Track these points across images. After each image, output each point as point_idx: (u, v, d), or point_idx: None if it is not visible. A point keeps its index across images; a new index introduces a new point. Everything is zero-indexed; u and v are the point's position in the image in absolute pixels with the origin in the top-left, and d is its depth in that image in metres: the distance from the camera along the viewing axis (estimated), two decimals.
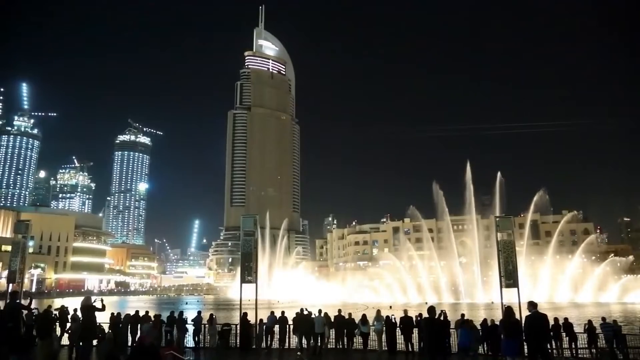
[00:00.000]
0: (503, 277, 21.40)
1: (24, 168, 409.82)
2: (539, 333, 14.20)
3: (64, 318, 24.91)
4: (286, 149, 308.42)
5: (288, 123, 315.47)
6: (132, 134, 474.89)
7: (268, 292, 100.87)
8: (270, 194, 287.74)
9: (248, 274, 24.92)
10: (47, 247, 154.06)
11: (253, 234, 25.73)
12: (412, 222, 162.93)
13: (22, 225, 26.53)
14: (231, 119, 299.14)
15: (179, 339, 24.90)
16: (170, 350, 14.05)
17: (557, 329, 22.52)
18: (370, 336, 24.56)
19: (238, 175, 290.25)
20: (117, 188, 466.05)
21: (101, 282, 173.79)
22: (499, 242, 21.80)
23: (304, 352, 22.61)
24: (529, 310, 14.69)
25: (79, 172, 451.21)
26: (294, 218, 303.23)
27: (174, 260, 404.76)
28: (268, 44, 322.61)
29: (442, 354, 14.83)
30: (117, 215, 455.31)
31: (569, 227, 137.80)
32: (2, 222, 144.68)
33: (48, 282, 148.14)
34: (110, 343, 19.60)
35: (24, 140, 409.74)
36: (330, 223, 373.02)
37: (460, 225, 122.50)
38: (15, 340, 15.14)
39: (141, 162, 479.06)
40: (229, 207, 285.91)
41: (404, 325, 23.22)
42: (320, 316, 24.21)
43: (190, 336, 25.83)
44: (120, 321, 25.43)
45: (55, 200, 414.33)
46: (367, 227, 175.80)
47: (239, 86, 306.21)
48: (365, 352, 23.85)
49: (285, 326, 25.02)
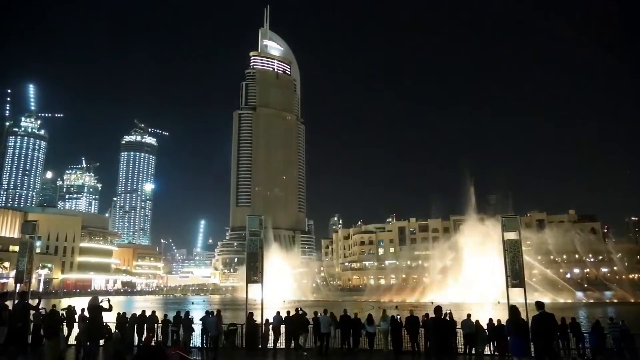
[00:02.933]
0: (509, 277, 21.32)
1: (31, 169, 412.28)
2: (546, 333, 14.14)
3: (71, 318, 25.05)
4: (291, 148, 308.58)
5: (293, 123, 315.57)
6: (138, 134, 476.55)
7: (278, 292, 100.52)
8: (276, 194, 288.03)
9: (254, 274, 24.95)
10: (54, 247, 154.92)
11: (259, 234, 25.77)
12: (418, 222, 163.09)
13: (29, 226, 26.68)
14: (237, 119, 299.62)
15: (185, 338, 24.97)
16: (177, 350, 14.08)
17: (564, 329, 22.42)
18: (377, 336, 24.55)
19: (244, 175, 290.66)
20: (123, 188, 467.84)
21: (108, 282, 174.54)
22: (505, 241, 21.71)
23: (309, 353, 22.61)
24: (536, 310, 14.63)
25: (85, 172, 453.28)
26: (300, 218, 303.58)
27: (180, 261, 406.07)
28: (273, 44, 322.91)
29: (448, 354, 14.80)
30: (123, 216, 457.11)
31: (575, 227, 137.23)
32: (10, 223, 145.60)
33: (55, 282, 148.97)
34: (118, 343, 19.69)
35: (31, 141, 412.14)
36: (335, 223, 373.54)
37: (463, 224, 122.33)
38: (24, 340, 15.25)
39: (147, 163, 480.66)
40: (235, 207, 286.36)
41: (409, 325, 23.19)
42: (326, 316, 24.19)
43: (197, 336, 25.90)
44: (127, 321, 25.55)
45: (62, 200, 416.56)
46: (372, 227, 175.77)
47: (245, 86, 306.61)
48: (371, 352, 23.82)
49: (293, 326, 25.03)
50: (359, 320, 24.74)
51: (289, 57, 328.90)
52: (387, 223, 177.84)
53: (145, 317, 26.15)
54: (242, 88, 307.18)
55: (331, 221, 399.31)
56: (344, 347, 24.38)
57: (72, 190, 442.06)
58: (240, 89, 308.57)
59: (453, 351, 20.60)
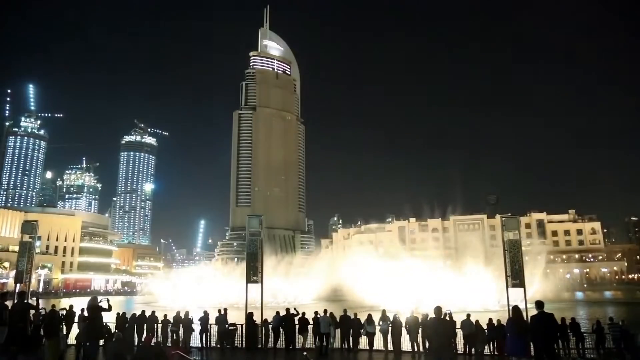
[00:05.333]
0: (509, 277, 21.33)
1: (31, 169, 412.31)
2: (545, 333, 14.13)
3: (71, 318, 25.05)
4: (291, 148, 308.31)
5: (293, 123, 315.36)
6: (138, 134, 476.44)
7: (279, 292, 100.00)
8: (276, 194, 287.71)
9: (254, 274, 24.96)
10: (54, 247, 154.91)
11: (259, 234, 25.78)
12: (418, 222, 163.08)
13: (29, 226, 26.70)
14: (236, 119, 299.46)
15: (185, 338, 24.97)
16: (177, 350, 14.09)
17: (563, 329, 22.40)
18: (376, 336, 24.54)
19: (243, 175, 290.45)
20: (123, 188, 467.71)
21: (107, 282, 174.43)
22: (505, 241, 21.72)
23: (310, 352, 22.60)
24: (536, 310, 14.62)
25: (85, 172, 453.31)
26: (300, 218, 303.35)
27: (179, 260, 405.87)
28: (273, 44, 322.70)
29: (449, 354, 14.80)
30: (123, 216, 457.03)
31: (575, 227, 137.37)
32: (10, 223, 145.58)
33: (55, 282, 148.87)
34: (119, 343, 19.70)
35: (31, 141, 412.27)
36: (335, 223, 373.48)
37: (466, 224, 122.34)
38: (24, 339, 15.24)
39: (147, 163, 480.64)
40: (235, 207, 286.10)
41: (409, 325, 23.20)
42: (326, 316, 24.19)
43: (197, 336, 25.89)
44: (127, 321, 25.55)
45: (61, 200, 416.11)
46: (372, 226, 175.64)
47: (244, 86, 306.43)
48: (371, 352, 23.82)
49: (292, 326, 24.99)
50: (358, 320, 24.75)
51: (288, 57, 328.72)
52: (387, 223, 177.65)
53: (145, 317, 26.15)
54: (242, 88, 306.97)
55: (331, 221, 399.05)
56: (343, 347, 24.38)
57: (72, 190, 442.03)
58: (240, 89, 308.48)
59: (453, 351, 20.60)
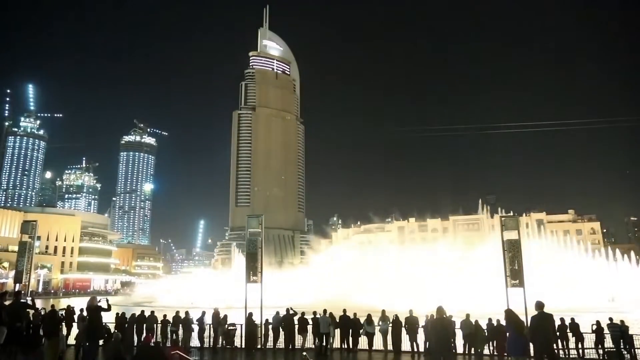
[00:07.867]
0: (508, 277, 21.34)
1: (30, 169, 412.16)
2: (545, 333, 14.13)
3: (71, 318, 25.05)
4: (291, 148, 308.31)
5: (293, 123, 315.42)
6: (138, 134, 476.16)
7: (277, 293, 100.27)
8: (276, 194, 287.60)
9: (253, 274, 24.96)
10: (53, 247, 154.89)
11: (258, 234, 25.78)
12: (418, 222, 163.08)
13: (29, 226, 26.73)
14: (236, 119, 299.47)
15: (185, 338, 24.97)
16: (176, 350, 14.09)
17: (563, 329, 22.42)
18: (376, 336, 24.54)
19: (243, 176, 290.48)
20: (122, 188, 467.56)
21: (107, 282, 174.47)
22: (504, 241, 21.73)
23: (309, 352, 22.59)
24: (535, 310, 14.61)
25: (84, 172, 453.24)
26: (299, 218, 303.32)
27: (179, 260, 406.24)
28: (272, 44, 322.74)
29: (448, 354, 14.80)
30: (122, 216, 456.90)
31: (575, 227, 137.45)
32: (9, 223, 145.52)
33: (54, 282, 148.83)
34: (118, 343, 19.71)
35: (31, 141, 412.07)
36: (335, 223, 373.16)
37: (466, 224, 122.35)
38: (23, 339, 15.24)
39: (146, 163, 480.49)
40: (234, 207, 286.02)
41: (409, 325, 23.20)
42: (326, 316, 24.18)
43: (196, 336, 25.88)
44: (126, 321, 25.54)
45: (61, 200, 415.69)
46: (372, 227, 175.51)
47: (244, 86, 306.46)
48: (371, 352, 23.82)
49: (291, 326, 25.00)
50: (358, 320, 24.75)
51: (288, 57, 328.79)
52: (387, 223, 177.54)
53: (144, 317, 26.14)
54: (242, 88, 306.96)
55: (331, 221, 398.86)
56: (342, 347, 24.38)
57: (72, 190, 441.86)
58: (239, 89, 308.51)
59: (453, 351, 20.60)
